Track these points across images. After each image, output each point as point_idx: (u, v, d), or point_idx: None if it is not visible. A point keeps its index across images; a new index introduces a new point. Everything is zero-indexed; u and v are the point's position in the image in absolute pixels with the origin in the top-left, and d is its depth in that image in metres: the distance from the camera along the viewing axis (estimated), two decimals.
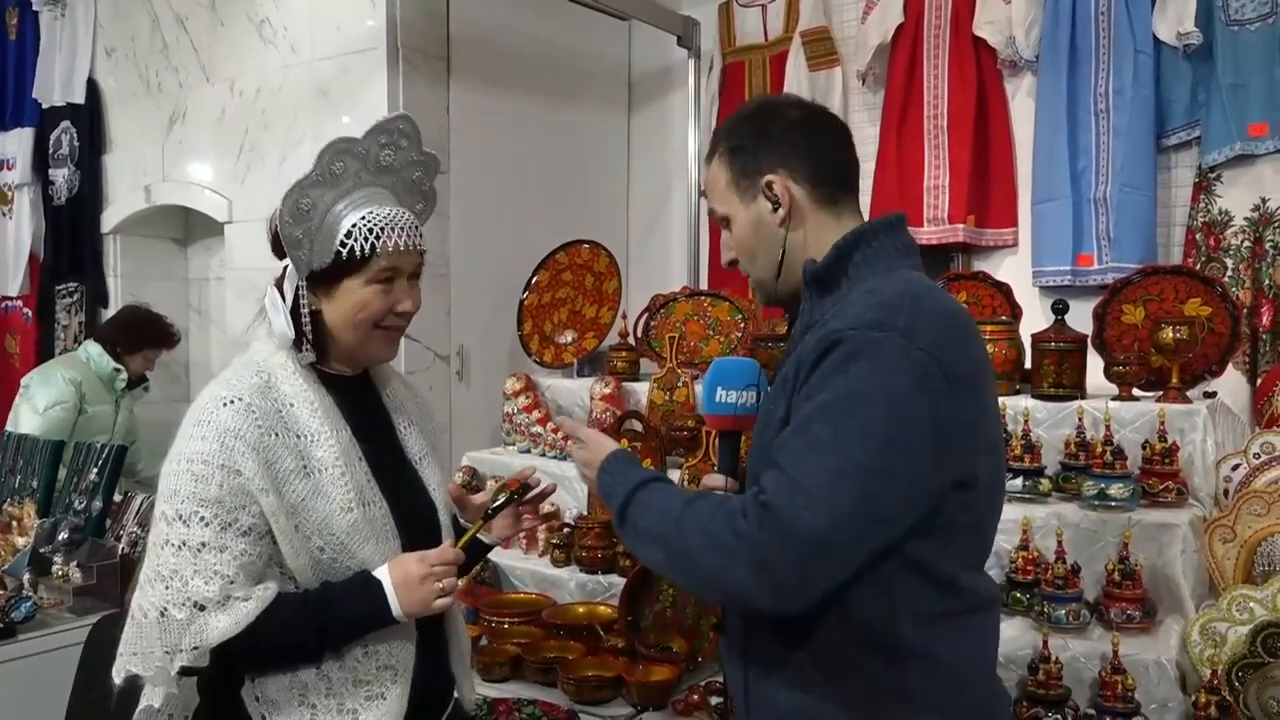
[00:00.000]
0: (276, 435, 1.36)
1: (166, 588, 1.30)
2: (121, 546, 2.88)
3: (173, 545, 1.31)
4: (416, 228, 1.46)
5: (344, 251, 1.40)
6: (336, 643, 1.39)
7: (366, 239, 1.40)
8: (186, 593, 1.30)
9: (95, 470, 3.06)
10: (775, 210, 1.36)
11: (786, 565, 1.13)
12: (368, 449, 1.45)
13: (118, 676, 1.35)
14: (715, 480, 1.41)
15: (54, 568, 2.81)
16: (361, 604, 1.39)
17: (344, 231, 1.40)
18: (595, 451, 1.42)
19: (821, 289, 1.33)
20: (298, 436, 1.38)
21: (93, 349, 3.71)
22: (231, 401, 1.36)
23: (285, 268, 1.46)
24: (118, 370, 3.70)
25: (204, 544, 1.31)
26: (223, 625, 1.30)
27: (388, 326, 1.47)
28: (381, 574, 1.40)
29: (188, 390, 4.34)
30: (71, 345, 4.28)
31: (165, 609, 1.30)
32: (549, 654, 2.47)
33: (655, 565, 1.31)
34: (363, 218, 1.41)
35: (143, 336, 3.77)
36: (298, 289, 1.42)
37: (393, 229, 1.42)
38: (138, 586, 1.36)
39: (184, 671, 1.32)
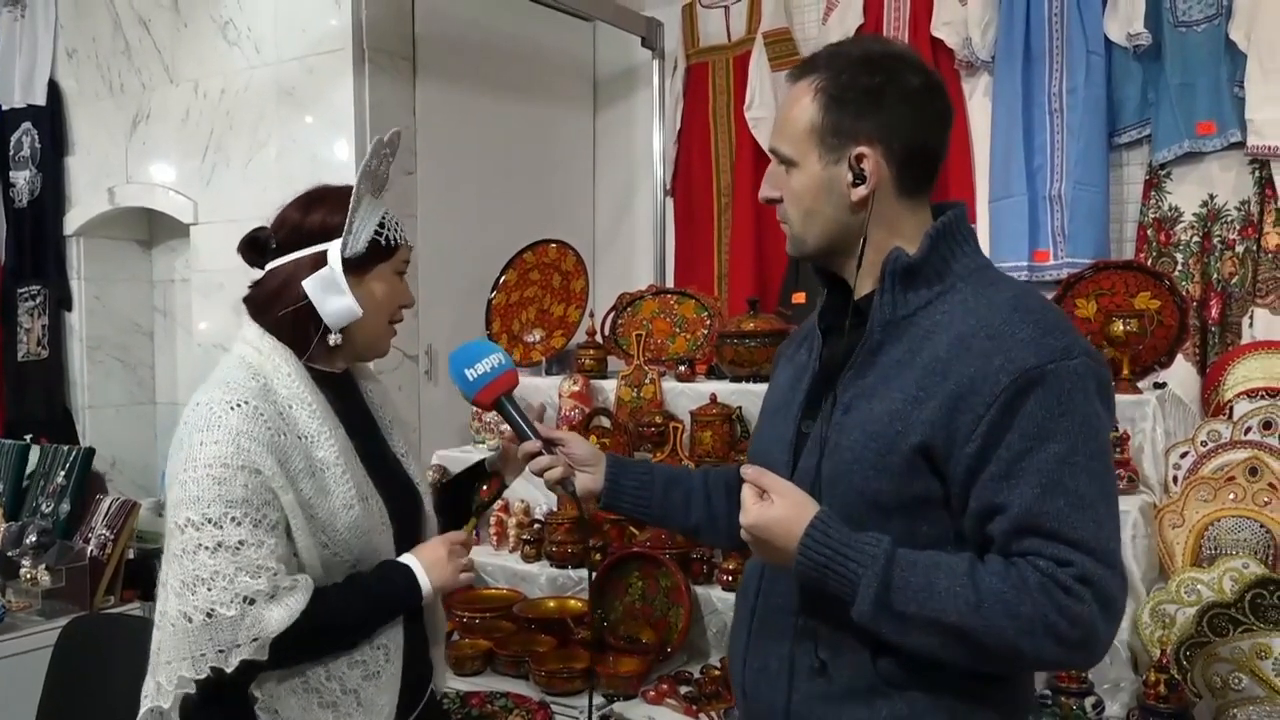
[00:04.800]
0: (284, 436, 1.40)
1: (209, 590, 1.32)
2: (91, 549, 2.88)
3: (206, 549, 1.32)
4: None
5: (380, 240, 1.50)
6: (373, 626, 1.46)
7: (395, 229, 1.52)
8: (234, 589, 1.32)
9: (63, 473, 3.05)
10: (856, 185, 1.23)
11: (1111, 634, 1.14)
12: (359, 445, 1.50)
13: (169, 684, 1.34)
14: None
15: (22, 571, 2.81)
16: (395, 586, 1.47)
17: (378, 221, 1.50)
18: (794, 511, 1.19)
19: (910, 283, 1.23)
20: (299, 438, 1.41)
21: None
22: (238, 405, 1.38)
23: (290, 264, 1.49)
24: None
25: (242, 542, 1.33)
26: (278, 615, 1.33)
27: (395, 320, 1.58)
28: (408, 559, 1.49)
29: (153, 392, 4.31)
30: (35, 349, 4.24)
31: (213, 610, 1.31)
32: (520, 647, 2.51)
33: (931, 649, 1.15)
34: (386, 212, 1.53)
35: None
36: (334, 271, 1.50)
37: (403, 226, 1.55)
38: (170, 595, 1.36)
39: (240, 667, 1.33)
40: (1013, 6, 3.32)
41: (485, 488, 1.70)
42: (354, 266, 1.48)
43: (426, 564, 1.49)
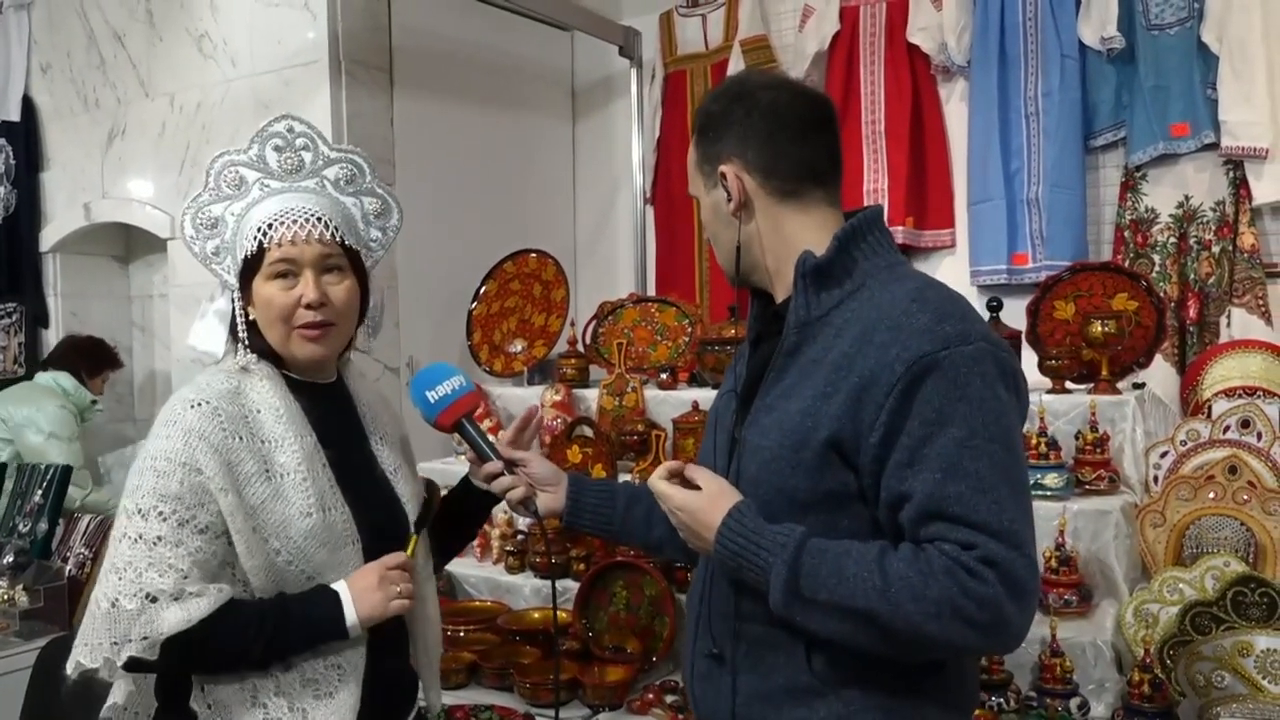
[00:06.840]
0: (240, 439, 1.39)
1: (119, 579, 1.32)
2: (69, 568, 2.85)
3: (129, 538, 1.33)
4: (318, 219, 1.45)
5: (243, 254, 1.46)
6: (286, 650, 1.40)
7: (253, 237, 1.44)
8: (140, 584, 1.31)
9: (40, 492, 3.02)
10: (729, 201, 1.32)
11: (1023, 617, 1.14)
12: (333, 456, 1.47)
13: (69, 669, 1.35)
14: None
15: None
16: (317, 611, 1.40)
17: (245, 235, 1.46)
18: (712, 501, 1.25)
19: (821, 283, 1.27)
20: (261, 441, 1.40)
21: (66, 382, 3.70)
22: (199, 404, 1.39)
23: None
24: (94, 401, 3.76)
25: (160, 538, 1.32)
26: (174, 618, 1.31)
27: (303, 325, 1.45)
28: (339, 586, 1.42)
29: (132, 409, 4.28)
30: (11, 367, 4.20)
31: (116, 600, 1.31)
32: (505, 659, 2.49)
33: (844, 636, 1.17)
34: (258, 217, 1.46)
35: (101, 360, 3.85)
36: (232, 298, 1.49)
37: (281, 222, 1.43)
38: (97, 580, 1.38)
39: (132, 664, 1.32)
40: (987, 12, 3.35)
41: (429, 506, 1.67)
42: (241, 286, 1.47)
43: (356, 591, 1.41)
